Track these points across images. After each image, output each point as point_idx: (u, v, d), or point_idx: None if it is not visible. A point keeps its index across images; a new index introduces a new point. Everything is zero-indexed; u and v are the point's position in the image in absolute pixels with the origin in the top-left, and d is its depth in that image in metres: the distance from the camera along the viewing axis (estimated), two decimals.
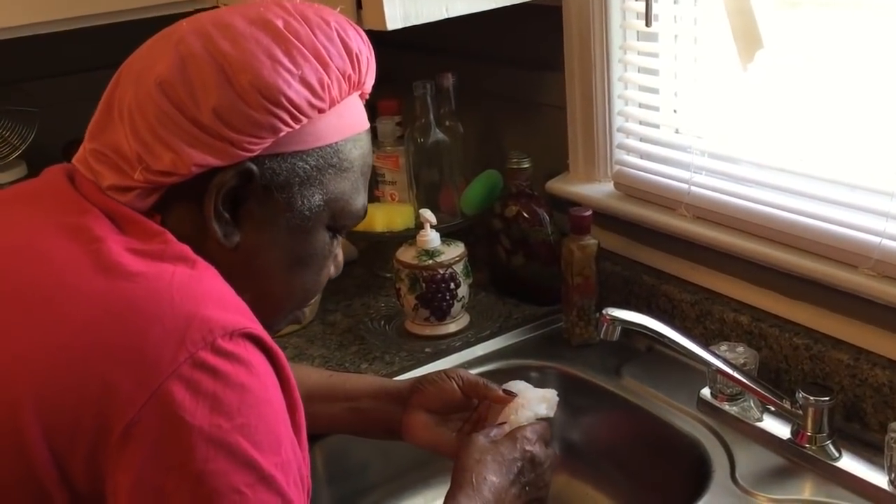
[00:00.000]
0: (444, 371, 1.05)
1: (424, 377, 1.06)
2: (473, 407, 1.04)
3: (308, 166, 0.78)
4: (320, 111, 0.77)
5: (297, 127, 0.76)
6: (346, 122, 0.80)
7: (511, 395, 1.00)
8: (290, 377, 0.72)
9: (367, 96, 0.85)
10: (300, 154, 0.77)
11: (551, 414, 1.01)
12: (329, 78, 0.76)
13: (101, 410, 0.63)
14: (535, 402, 1.00)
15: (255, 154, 0.75)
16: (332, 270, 0.88)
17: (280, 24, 0.76)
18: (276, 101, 0.73)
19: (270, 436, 0.67)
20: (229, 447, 0.64)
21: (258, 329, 0.70)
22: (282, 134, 0.75)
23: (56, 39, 1.40)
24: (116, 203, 0.75)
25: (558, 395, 1.03)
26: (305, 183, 0.78)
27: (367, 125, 0.85)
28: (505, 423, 0.98)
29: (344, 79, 0.78)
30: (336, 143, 0.79)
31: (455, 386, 1.03)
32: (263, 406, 0.67)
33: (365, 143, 0.84)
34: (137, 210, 0.75)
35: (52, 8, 1.34)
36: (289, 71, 0.74)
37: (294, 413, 0.73)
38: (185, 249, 0.72)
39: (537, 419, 0.99)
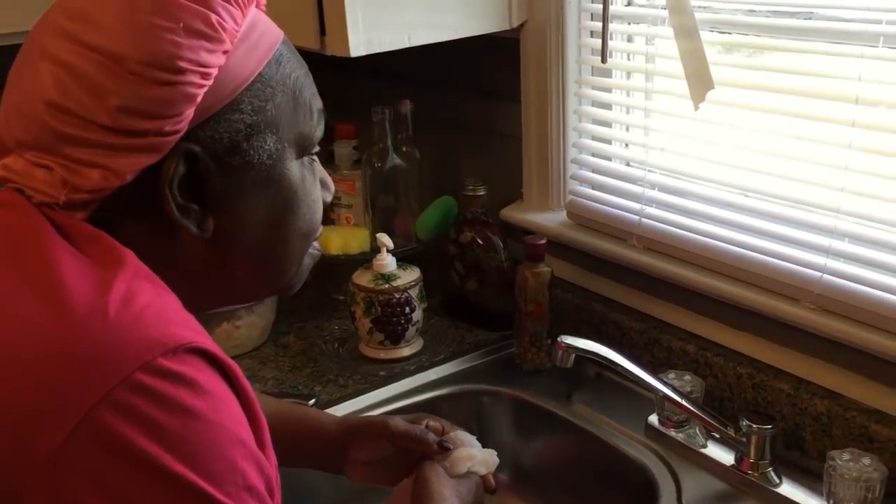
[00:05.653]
0: (375, 422, 1.01)
1: (357, 427, 1.02)
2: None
3: (245, 114, 0.70)
4: (225, 52, 0.68)
5: (210, 82, 0.67)
6: (258, 45, 0.71)
7: (446, 450, 0.97)
8: (247, 390, 0.66)
9: (264, 5, 0.76)
10: (230, 106, 0.69)
11: (482, 471, 0.98)
12: (216, 12, 0.67)
13: (21, 439, 0.57)
14: (458, 463, 0.96)
15: (185, 131, 0.66)
16: (326, 196, 0.80)
17: None
18: (175, 69, 0.64)
19: (222, 462, 0.61)
20: (175, 479, 0.59)
21: (206, 342, 0.63)
22: (200, 97, 0.66)
23: None
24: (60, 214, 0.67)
25: (497, 456, 1.00)
26: (252, 133, 0.70)
27: (281, 33, 0.75)
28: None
29: (231, 3, 0.69)
30: (259, 72, 0.71)
31: (386, 443, 0.99)
32: (214, 430, 0.61)
33: (285, 51, 0.74)
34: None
35: None
36: (169, 29, 0.65)
37: (257, 430, 0.67)
38: (126, 258, 0.65)
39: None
